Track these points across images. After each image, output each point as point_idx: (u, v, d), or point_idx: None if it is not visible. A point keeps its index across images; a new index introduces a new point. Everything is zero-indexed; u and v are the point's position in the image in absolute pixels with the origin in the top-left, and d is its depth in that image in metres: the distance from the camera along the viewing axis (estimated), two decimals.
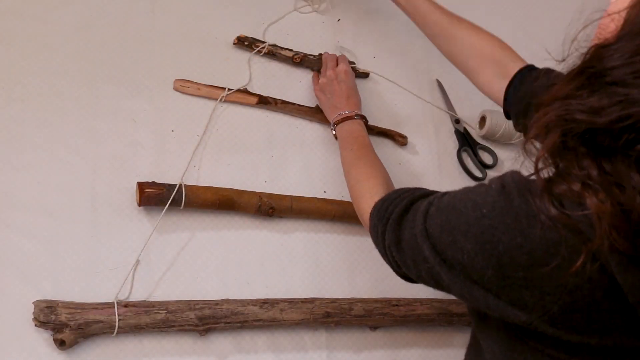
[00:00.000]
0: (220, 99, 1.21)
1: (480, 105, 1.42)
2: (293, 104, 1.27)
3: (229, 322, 1.05)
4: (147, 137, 1.16)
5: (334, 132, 1.22)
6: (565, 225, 0.64)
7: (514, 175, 0.70)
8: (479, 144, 1.39)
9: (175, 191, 1.08)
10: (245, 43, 1.28)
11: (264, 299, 1.09)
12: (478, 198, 0.71)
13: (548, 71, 1.02)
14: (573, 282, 0.65)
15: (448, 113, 1.41)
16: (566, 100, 0.66)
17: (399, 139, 1.33)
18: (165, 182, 1.09)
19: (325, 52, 1.31)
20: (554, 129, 0.66)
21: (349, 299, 1.14)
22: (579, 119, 0.64)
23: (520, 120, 1.04)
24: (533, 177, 0.68)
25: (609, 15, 0.71)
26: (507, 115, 1.08)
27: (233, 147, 1.21)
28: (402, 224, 0.82)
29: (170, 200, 1.07)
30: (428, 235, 0.75)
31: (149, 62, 1.21)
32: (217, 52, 1.27)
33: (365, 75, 1.36)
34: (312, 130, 1.29)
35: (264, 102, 1.24)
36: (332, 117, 1.22)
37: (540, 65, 1.03)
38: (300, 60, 1.30)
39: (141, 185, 1.07)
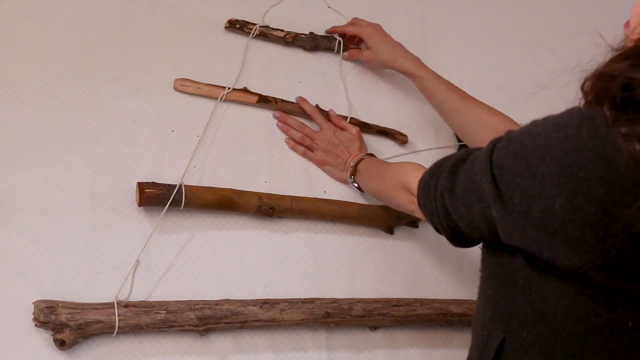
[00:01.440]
0: (221, 98, 1.21)
1: None
2: (293, 102, 1.27)
3: (229, 323, 1.05)
4: (147, 137, 1.16)
5: (355, 185, 1.21)
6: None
7: (598, 111, 0.65)
8: None
9: (175, 191, 1.08)
10: (236, 26, 1.28)
11: (264, 299, 1.09)
12: (560, 120, 0.67)
13: None
14: None
15: None
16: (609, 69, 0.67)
17: (399, 137, 1.33)
18: (165, 183, 1.09)
19: (307, 128, 1.28)
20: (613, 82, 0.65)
21: (348, 299, 1.14)
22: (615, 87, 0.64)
23: None
24: None
25: None
26: None
27: (233, 147, 1.21)
28: (458, 172, 0.79)
29: (170, 201, 1.07)
30: (493, 166, 0.71)
31: (149, 62, 1.21)
32: (218, 52, 1.27)
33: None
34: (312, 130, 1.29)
35: (264, 100, 1.24)
36: (347, 174, 1.22)
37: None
38: (292, 40, 1.31)
39: (141, 186, 1.07)
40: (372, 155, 1.22)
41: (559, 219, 0.65)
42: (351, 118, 1.30)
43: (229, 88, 1.22)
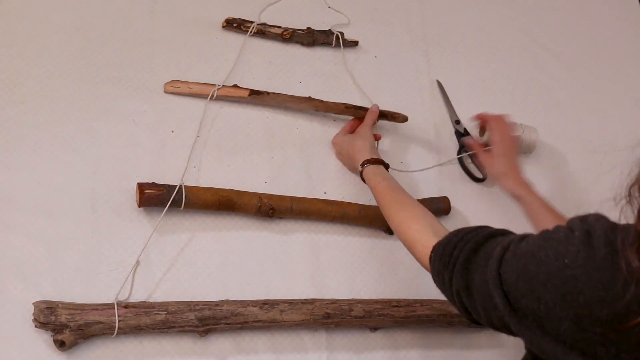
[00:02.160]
0: (211, 96, 1.21)
1: (480, 106, 1.42)
2: (285, 94, 1.26)
3: (229, 323, 1.05)
4: (147, 138, 1.16)
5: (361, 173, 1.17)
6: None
7: (602, 220, 0.68)
8: None
9: (175, 192, 1.08)
10: (234, 25, 1.28)
11: (264, 300, 1.09)
12: (560, 247, 0.69)
13: None
14: None
15: (448, 114, 1.41)
16: None
17: (398, 117, 1.31)
18: (165, 183, 1.09)
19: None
20: None
21: (349, 300, 1.14)
22: None
23: None
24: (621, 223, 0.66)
25: None
26: None
27: (233, 147, 1.21)
28: (470, 268, 0.80)
29: (170, 201, 1.07)
30: (502, 281, 0.73)
31: (149, 63, 1.21)
32: (219, 52, 1.27)
33: (354, 43, 1.36)
34: (312, 130, 1.29)
35: (255, 94, 1.23)
36: (359, 164, 1.17)
37: None
38: (289, 36, 1.31)
39: (141, 186, 1.07)
40: (374, 162, 1.16)
41: (571, 337, 0.67)
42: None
43: (218, 85, 1.22)
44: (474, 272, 0.79)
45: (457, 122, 1.40)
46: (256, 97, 1.23)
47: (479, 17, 1.55)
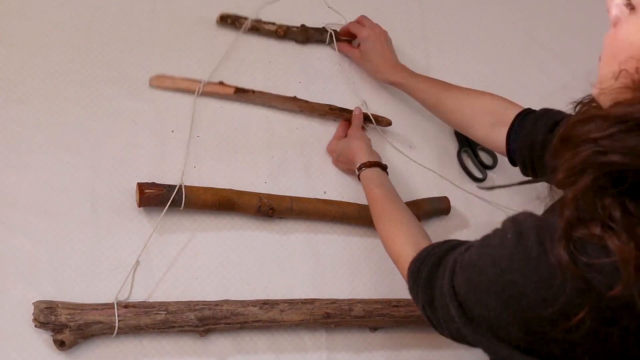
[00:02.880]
0: (197, 92, 1.20)
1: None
2: (270, 93, 1.26)
3: (229, 323, 1.05)
4: (147, 138, 1.16)
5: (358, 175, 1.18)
6: (574, 275, 0.61)
7: (530, 219, 0.68)
8: (478, 144, 1.39)
9: (175, 192, 1.08)
10: (228, 21, 1.28)
11: (264, 300, 1.09)
12: (495, 252, 0.68)
13: (547, 111, 1.02)
14: (603, 331, 0.62)
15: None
16: (600, 141, 0.61)
17: (382, 120, 1.31)
18: (165, 183, 1.09)
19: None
20: (587, 171, 0.62)
21: (349, 299, 1.14)
22: (615, 161, 0.60)
23: (528, 164, 1.02)
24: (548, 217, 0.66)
25: None
26: (513, 162, 1.08)
27: (233, 147, 1.21)
28: (433, 283, 0.81)
29: (170, 201, 1.07)
30: (455, 293, 0.74)
31: (149, 63, 1.21)
32: (220, 52, 1.27)
33: (347, 41, 1.36)
34: (312, 130, 1.29)
35: (241, 92, 1.23)
36: (356, 165, 1.18)
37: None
38: (284, 34, 1.31)
39: (141, 186, 1.07)
40: (371, 164, 1.16)
41: (523, 340, 0.67)
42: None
43: (204, 81, 1.21)
44: (435, 287, 0.80)
45: None
46: (241, 94, 1.23)
47: (479, 17, 1.54)
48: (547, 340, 0.66)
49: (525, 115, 1.05)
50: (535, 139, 0.99)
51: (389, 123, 1.32)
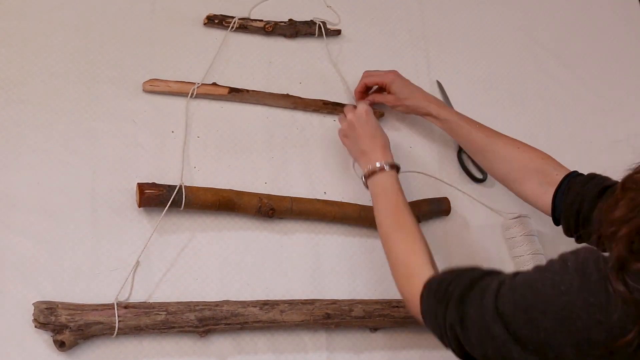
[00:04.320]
0: (191, 94, 1.20)
1: (480, 106, 1.42)
2: (263, 92, 1.26)
3: (229, 324, 1.05)
4: (147, 138, 1.16)
5: (365, 186, 1.14)
6: (629, 302, 0.65)
7: (591, 251, 0.72)
8: None
9: (175, 192, 1.08)
10: (215, 21, 1.28)
11: (264, 300, 1.09)
12: (556, 277, 0.72)
13: (594, 175, 1.04)
14: None
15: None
16: None
17: (374, 112, 1.31)
18: (165, 183, 1.09)
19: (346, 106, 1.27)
20: None
21: (349, 300, 1.14)
22: None
23: (572, 224, 1.04)
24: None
25: None
26: (556, 222, 1.09)
27: (233, 148, 1.21)
28: (466, 302, 0.82)
29: (170, 202, 1.07)
30: (500, 314, 0.76)
31: (148, 63, 1.21)
32: (221, 53, 1.27)
33: (336, 32, 1.37)
34: (312, 131, 1.29)
35: (235, 91, 1.23)
36: (363, 167, 1.14)
37: None
38: (272, 29, 1.31)
39: (141, 187, 1.07)
40: (394, 167, 1.12)
41: None
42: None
43: (197, 83, 1.21)
44: (468, 307, 0.81)
45: None
46: (236, 94, 1.23)
47: (479, 17, 1.54)
48: None
49: (573, 177, 1.07)
50: (583, 202, 1.01)
51: (381, 114, 1.33)
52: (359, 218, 1.21)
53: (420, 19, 1.48)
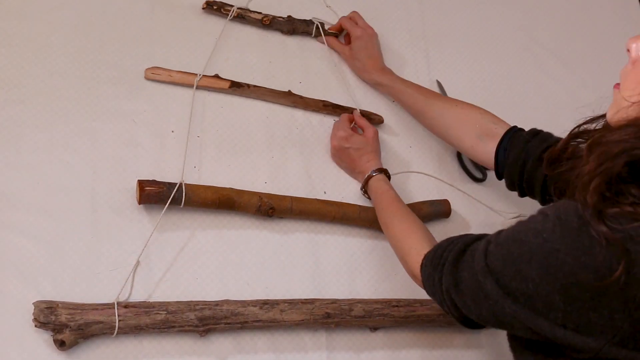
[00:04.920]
0: (195, 84, 1.20)
1: (481, 106, 1.42)
2: (265, 88, 1.26)
3: (229, 323, 1.05)
4: (147, 138, 1.16)
5: (366, 196, 1.23)
6: (613, 242, 0.67)
7: (569, 202, 0.73)
8: None
9: (175, 189, 1.08)
10: (214, 7, 1.28)
11: (264, 300, 1.09)
12: (538, 225, 0.74)
13: (537, 132, 1.08)
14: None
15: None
16: (630, 140, 0.71)
17: (374, 118, 1.32)
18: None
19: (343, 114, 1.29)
20: (617, 159, 0.70)
21: (349, 299, 1.14)
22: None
23: (516, 180, 1.08)
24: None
25: None
26: (499, 176, 1.13)
27: (233, 147, 1.21)
28: (459, 266, 0.85)
29: (170, 199, 1.07)
30: (490, 271, 0.77)
31: (148, 63, 1.21)
32: (219, 51, 1.27)
33: (334, 35, 1.37)
34: (312, 130, 1.29)
35: (236, 86, 1.23)
36: (360, 180, 1.23)
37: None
38: (269, 22, 1.31)
39: (141, 183, 1.07)
40: (382, 171, 1.21)
41: (563, 310, 0.71)
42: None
43: (199, 75, 1.21)
44: (462, 270, 0.84)
45: None
46: (237, 89, 1.23)
47: (479, 16, 1.54)
48: (586, 307, 0.69)
49: (515, 132, 1.11)
50: (527, 159, 1.05)
51: (380, 120, 1.33)
52: (359, 218, 1.21)
53: (420, 19, 1.48)
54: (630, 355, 0.69)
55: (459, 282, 0.84)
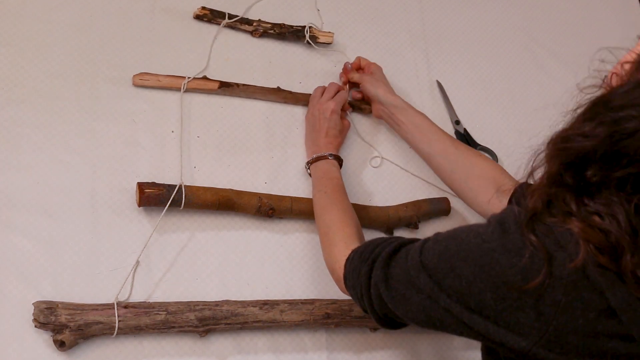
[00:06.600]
0: (183, 89, 1.20)
1: (480, 106, 1.42)
2: (254, 86, 1.26)
3: (229, 323, 1.05)
4: (147, 138, 1.16)
5: (308, 172, 1.22)
6: (540, 249, 0.70)
7: (512, 210, 0.76)
8: (478, 144, 1.39)
9: (175, 191, 1.08)
10: (204, 19, 1.28)
11: (264, 300, 1.09)
12: (480, 229, 0.76)
13: None
14: (565, 300, 0.69)
15: (448, 114, 1.41)
16: (567, 130, 0.76)
17: (364, 108, 1.32)
18: (165, 183, 1.09)
19: (332, 82, 1.29)
20: (553, 159, 0.74)
21: (349, 300, 1.13)
22: (571, 146, 0.72)
23: None
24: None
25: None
26: None
27: (233, 147, 1.21)
28: (391, 263, 0.86)
29: (170, 201, 1.07)
30: (424, 266, 0.79)
31: (148, 63, 1.21)
32: (218, 52, 1.27)
33: (326, 45, 1.36)
34: None
35: (225, 86, 1.23)
36: (310, 154, 1.22)
37: None
38: (259, 36, 1.31)
39: (141, 186, 1.07)
40: (338, 159, 1.20)
41: (494, 309, 0.73)
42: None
43: (188, 78, 1.21)
44: (394, 267, 0.85)
45: (457, 122, 1.40)
46: (226, 89, 1.23)
47: (479, 17, 1.54)
48: (514, 307, 0.71)
49: (527, 186, 1.08)
50: None
51: (370, 111, 1.33)
52: (359, 218, 1.20)
53: (420, 19, 1.48)
54: (556, 359, 0.71)
55: (390, 277, 0.85)
